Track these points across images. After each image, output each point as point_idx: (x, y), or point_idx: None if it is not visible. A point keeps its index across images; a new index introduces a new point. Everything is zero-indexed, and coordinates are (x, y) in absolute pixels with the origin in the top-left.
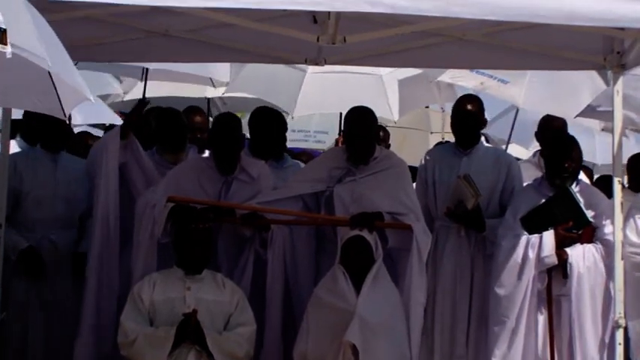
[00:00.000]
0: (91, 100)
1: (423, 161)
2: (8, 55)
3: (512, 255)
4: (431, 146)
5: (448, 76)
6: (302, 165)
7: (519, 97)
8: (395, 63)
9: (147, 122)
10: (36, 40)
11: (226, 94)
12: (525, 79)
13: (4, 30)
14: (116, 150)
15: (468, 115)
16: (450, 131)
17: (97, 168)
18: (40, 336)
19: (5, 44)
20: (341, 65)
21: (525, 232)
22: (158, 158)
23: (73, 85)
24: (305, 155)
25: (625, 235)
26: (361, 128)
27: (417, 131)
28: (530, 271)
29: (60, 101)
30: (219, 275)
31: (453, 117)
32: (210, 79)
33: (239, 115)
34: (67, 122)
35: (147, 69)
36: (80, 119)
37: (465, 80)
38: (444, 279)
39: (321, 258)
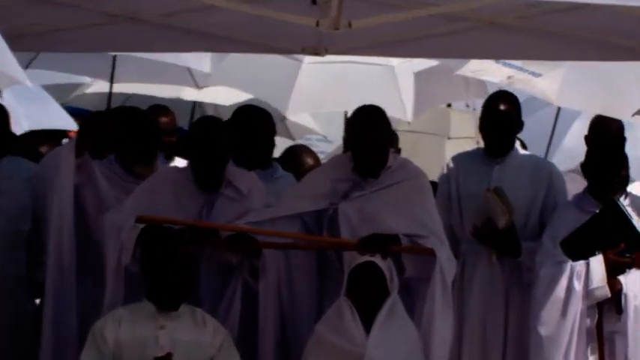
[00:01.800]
0: (27, 85)
1: (445, 170)
2: None
3: (554, 287)
4: (447, 154)
5: (469, 69)
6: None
7: (552, 92)
8: (410, 53)
9: (108, 125)
10: None
11: (206, 89)
12: (561, 71)
13: None
14: (71, 171)
15: (501, 115)
16: (479, 136)
17: (47, 189)
18: None
19: None
20: (345, 55)
21: (568, 259)
22: (120, 171)
23: (7, 72)
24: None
25: None
26: (370, 132)
27: (430, 136)
28: (577, 306)
29: None
30: (199, 311)
31: (482, 118)
32: (190, 72)
33: None
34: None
35: (113, 64)
36: (27, 125)
37: (490, 74)
38: (472, 314)
39: (324, 289)
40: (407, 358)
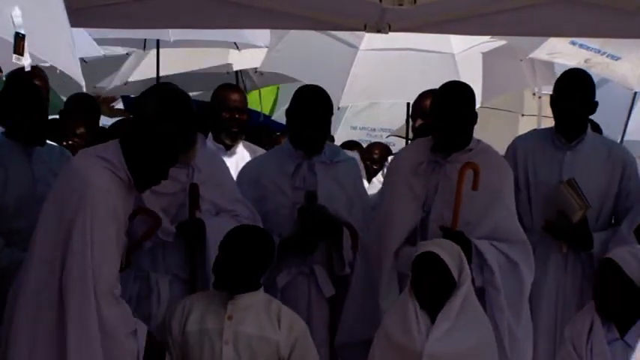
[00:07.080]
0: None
1: (511, 152)
2: (27, 68)
3: None
4: (521, 131)
5: (545, 51)
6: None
7: (632, 76)
8: (476, 30)
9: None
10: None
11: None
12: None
13: (23, 36)
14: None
15: (576, 92)
16: (548, 115)
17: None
18: None
19: (22, 54)
20: (409, 33)
21: None
22: None
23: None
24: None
25: None
26: (453, 107)
27: (504, 113)
28: None
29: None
30: (276, 303)
31: (555, 96)
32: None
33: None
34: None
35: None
36: None
37: (566, 56)
38: (546, 304)
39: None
40: (477, 354)
